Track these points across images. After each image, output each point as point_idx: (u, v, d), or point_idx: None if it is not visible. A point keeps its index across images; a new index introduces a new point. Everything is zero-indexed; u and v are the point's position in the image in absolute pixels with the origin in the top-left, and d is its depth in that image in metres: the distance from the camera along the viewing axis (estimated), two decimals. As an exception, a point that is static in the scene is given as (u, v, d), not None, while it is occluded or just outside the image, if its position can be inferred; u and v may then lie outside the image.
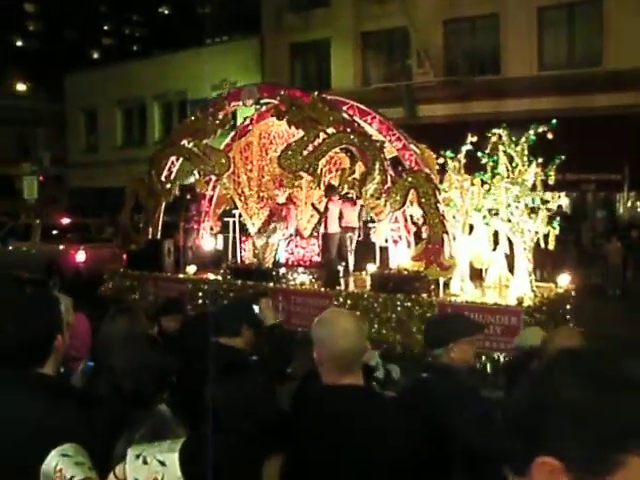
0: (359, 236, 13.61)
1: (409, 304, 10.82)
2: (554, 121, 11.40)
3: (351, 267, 13.55)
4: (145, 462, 2.07)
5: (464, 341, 3.37)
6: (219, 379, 2.59)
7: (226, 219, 14.99)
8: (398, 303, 10.84)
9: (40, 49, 75.71)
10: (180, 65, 30.05)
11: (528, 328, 4.55)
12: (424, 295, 10.89)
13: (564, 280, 11.70)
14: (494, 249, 11.44)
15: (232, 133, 15.08)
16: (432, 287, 11.07)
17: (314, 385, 2.67)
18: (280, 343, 4.49)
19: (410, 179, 11.38)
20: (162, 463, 2.07)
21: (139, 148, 30.36)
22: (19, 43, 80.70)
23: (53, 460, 2.15)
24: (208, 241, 15.07)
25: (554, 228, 10.81)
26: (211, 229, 15.22)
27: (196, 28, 60.15)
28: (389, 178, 11.51)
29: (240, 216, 14.65)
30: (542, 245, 10.88)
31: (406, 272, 11.33)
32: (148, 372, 2.53)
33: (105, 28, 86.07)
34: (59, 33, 73.11)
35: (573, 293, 11.74)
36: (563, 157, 11.31)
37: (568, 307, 11.40)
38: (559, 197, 23.07)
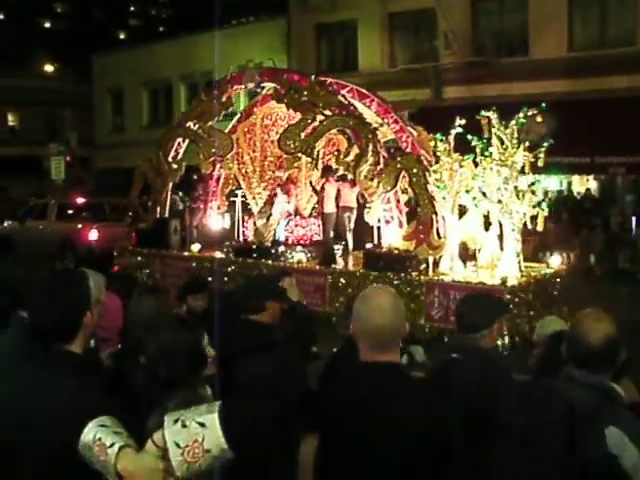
0: (358, 216, 13.79)
1: (398, 282, 11.03)
2: (543, 104, 11.66)
3: (350, 246, 13.79)
4: (184, 425, 2.03)
5: (500, 321, 3.34)
6: (248, 357, 2.60)
7: (232, 199, 15.31)
8: (387, 281, 10.88)
9: (67, 30, 76.02)
10: (206, 46, 29.96)
11: (546, 317, 4.46)
12: (414, 274, 11.20)
13: (555, 261, 12.02)
14: (486, 230, 11.55)
15: (238, 115, 15.33)
16: (422, 266, 11.35)
17: (344, 362, 2.66)
18: (303, 322, 4.49)
19: (401, 161, 11.69)
20: (202, 424, 2.02)
21: (165, 128, 30.39)
22: (47, 25, 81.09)
23: (91, 431, 2.16)
24: (215, 220, 15.31)
25: (542, 210, 10.92)
26: (218, 208, 15.50)
27: (222, 9, 60.01)
28: (382, 160, 11.77)
29: (243, 196, 15.02)
30: (529, 226, 11.07)
31: (397, 251, 11.72)
32: (181, 355, 2.51)
33: (131, 9, 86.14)
34: (86, 14, 73.28)
35: (562, 274, 11.91)
36: (552, 141, 11.51)
37: (556, 288, 11.58)
38: (587, 180, 22.97)
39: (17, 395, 2.42)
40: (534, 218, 11.00)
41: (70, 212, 20.95)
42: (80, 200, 21.96)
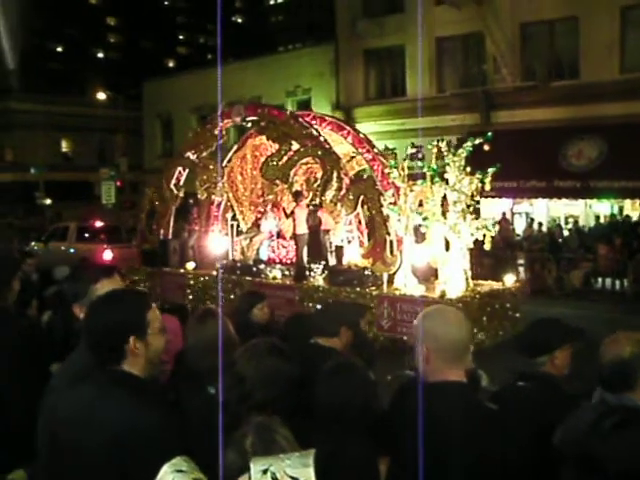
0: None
1: (354, 295, 12.23)
2: (490, 134, 13.24)
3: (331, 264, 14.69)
4: (275, 478, 1.91)
5: (566, 348, 3.22)
6: (324, 379, 2.54)
7: (231, 222, 16.60)
8: (345, 294, 12.27)
9: (119, 60, 77.96)
10: (254, 72, 30.36)
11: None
12: (371, 288, 12.34)
13: (509, 280, 13.13)
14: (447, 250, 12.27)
15: (235, 146, 16.60)
16: (379, 282, 12.42)
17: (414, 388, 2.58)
18: (365, 347, 4.45)
19: (359, 186, 13.01)
20: (295, 479, 1.92)
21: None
22: (100, 55, 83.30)
23: (167, 477, 2.06)
24: (211, 241, 16.41)
25: (489, 231, 11.80)
26: (220, 231, 16.64)
27: (269, 36, 60.90)
28: (344, 186, 13.03)
29: (234, 218, 16.47)
30: (481, 246, 12.14)
31: (356, 267, 13.01)
32: (281, 383, 2.40)
33: (180, 38, 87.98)
34: (137, 44, 75.12)
35: (515, 292, 13.01)
36: (498, 165, 12.20)
37: (508, 304, 12.57)
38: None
39: (74, 414, 2.40)
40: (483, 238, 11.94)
41: (88, 234, 22.85)
42: (98, 224, 23.83)
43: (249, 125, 15.49)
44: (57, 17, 73.92)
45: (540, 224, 22.52)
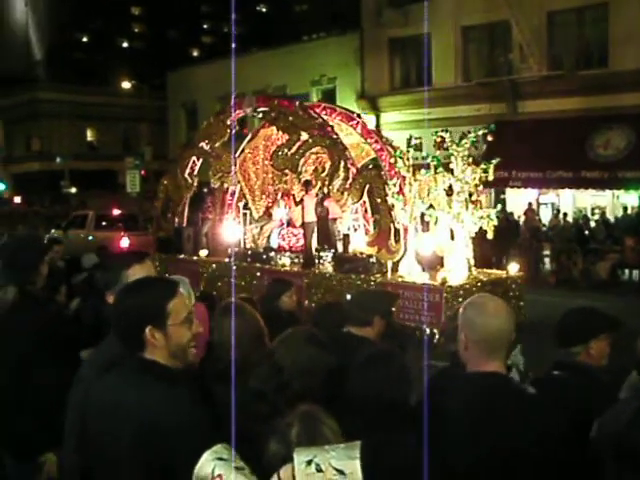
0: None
1: (359, 282, 12.50)
2: (493, 125, 13.68)
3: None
4: (319, 470, 1.88)
5: (602, 338, 3.17)
6: (363, 368, 2.51)
7: (244, 211, 16.96)
8: (350, 281, 12.62)
9: (144, 49, 78.21)
10: (280, 61, 30.30)
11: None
12: (377, 275, 12.62)
13: (513, 268, 13.48)
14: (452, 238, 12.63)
15: (249, 136, 16.83)
16: (384, 269, 12.73)
17: (450, 376, 2.56)
18: (398, 336, 4.43)
19: (364, 176, 13.21)
20: (341, 472, 1.87)
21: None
22: (125, 44, 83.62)
23: (208, 465, 2.03)
24: (225, 229, 16.59)
25: (491, 220, 12.22)
26: (234, 219, 16.83)
27: (293, 25, 60.73)
28: (351, 175, 13.24)
29: (247, 207, 16.68)
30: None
31: (361, 255, 13.28)
32: (319, 373, 2.37)
33: (205, 27, 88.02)
34: (162, 33, 75.29)
35: (519, 280, 13.24)
36: (499, 159, 12.93)
37: (511, 293, 12.80)
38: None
39: (102, 402, 2.39)
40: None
41: (106, 222, 23.58)
42: (116, 212, 24.53)
43: (260, 116, 15.79)
44: (82, 8, 74.28)
45: (566, 215, 22.31)
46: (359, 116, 15.19)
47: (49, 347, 3.76)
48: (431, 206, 12.31)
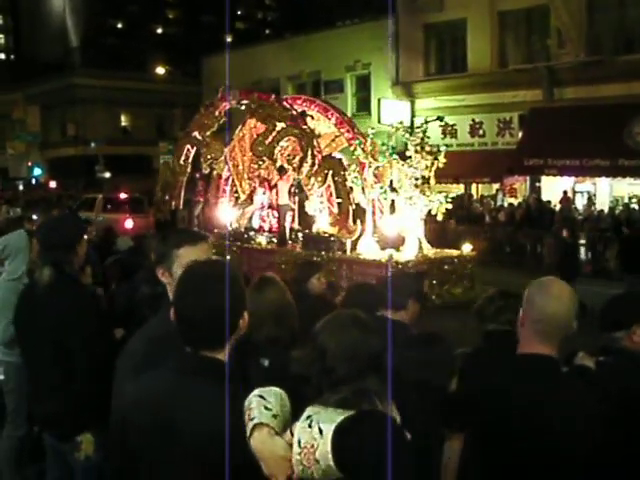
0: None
1: (319, 259, 13.62)
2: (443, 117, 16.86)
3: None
4: (310, 426, 1.93)
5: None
6: (404, 351, 2.46)
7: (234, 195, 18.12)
8: (314, 257, 13.74)
9: (178, 35, 78.51)
10: (314, 47, 30.17)
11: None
12: (337, 253, 14.12)
13: (466, 248, 14.71)
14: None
15: (240, 126, 18.09)
16: (345, 247, 14.16)
17: (492, 357, 2.51)
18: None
19: (326, 163, 14.69)
20: (320, 431, 1.91)
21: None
22: (159, 30, 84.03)
23: (253, 397, 2.09)
24: (218, 211, 17.90)
25: (441, 203, 13.56)
26: (229, 202, 18.07)
27: (327, 11, 60.47)
28: (317, 162, 14.65)
29: (235, 192, 17.85)
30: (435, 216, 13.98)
31: (324, 234, 14.68)
32: (363, 357, 2.32)
33: (238, 13, 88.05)
34: (196, 19, 75.46)
35: (468, 258, 14.60)
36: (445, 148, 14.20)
37: (465, 271, 14.31)
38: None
39: (156, 402, 2.23)
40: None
41: (113, 205, 25.08)
42: (123, 195, 26.05)
43: (242, 108, 17.14)
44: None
45: (602, 204, 21.98)
46: (334, 107, 16.97)
47: (85, 328, 3.75)
48: (394, 190, 13.63)
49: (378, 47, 27.62)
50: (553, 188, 23.32)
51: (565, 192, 22.69)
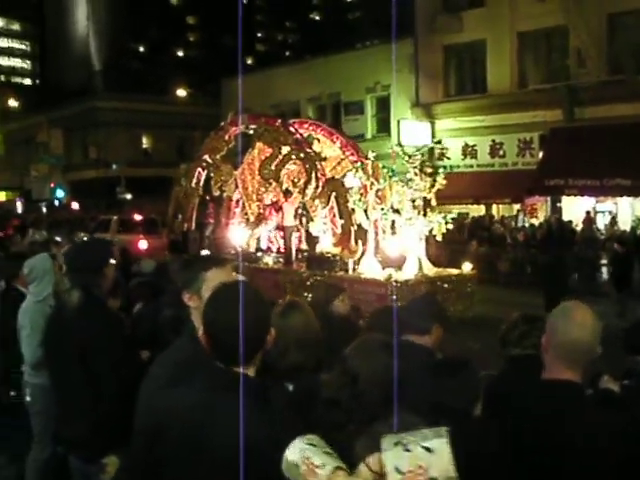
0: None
1: (321, 278, 13.88)
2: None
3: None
4: (407, 450, 1.89)
5: None
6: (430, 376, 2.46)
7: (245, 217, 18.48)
8: (316, 276, 14.25)
9: (198, 58, 79.39)
10: (334, 69, 30.36)
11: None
12: (339, 272, 14.31)
13: (466, 267, 14.87)
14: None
15: (250, 149, 18.46)
16: (347, 267, 14.38)
17: (515, 383, 2.51)
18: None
19: (330, 185, 15.12)
20: (428, 450, 1.87)
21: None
22: (180, 53, 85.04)
23: (297, 450, 2.05)
24: (229, 233, 18.22)
25: (446, 223, 13.83)
26: (239, 224, 18.42)
27: (346, 33, 60.90)
28: (320, 184, 15.17)
29: (246, 213, 18.28)
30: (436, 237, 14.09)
31: (328, 254, 15.01)
32: (393, 383, 2.33)
33: (259, 35, 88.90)
34: (216, 42, 76.26)
35: (467, 277, 14.81)
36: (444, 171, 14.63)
37: (465, 289, 14.48)
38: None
39: (187, 418, 2.29)
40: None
41: (128, 226, 25.37)
42: (137, 217, 26.54)
43: (251, 132, 17.64)
44: (139, 18, 75.79)
45: (624, 223, 21.81)
46: (339, 131, 17.76)
47: (112, 351, 3.80)
48: (396, 211, 13.89)
49: (398, 69, 27.75)
50: (574, 208, 23.21)
51: (588, 212, 22.57)
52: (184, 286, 3.11)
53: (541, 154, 23.72)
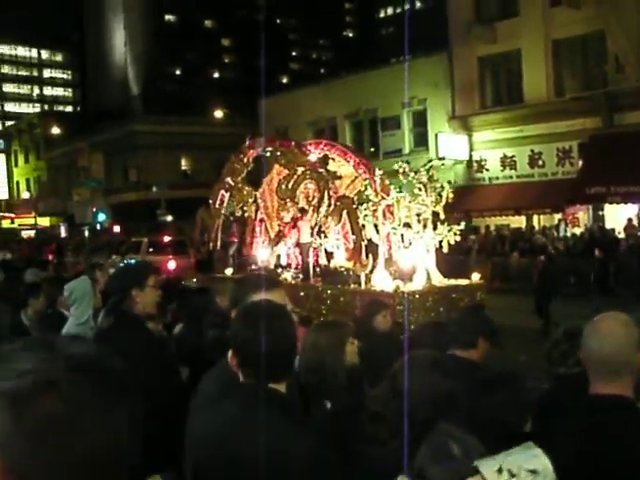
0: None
1: (336, 292, 14.68)
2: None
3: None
4: (512, 475, 1.84)
5: None
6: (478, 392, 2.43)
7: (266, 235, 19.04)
8: (329, 291, 14.84)
9: (235, 78, 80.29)
10: (369, 84, 30.41)
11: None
12: (352, 285, 14.57)
13: (474, 277, 14.92)
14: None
15: (270, 170, 18.93)
16: (359, 280, 14.55)
17: (565, 399, 2.45)
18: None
19: (341, 203, 15.76)
20: (533, 472, 1.84)
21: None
22: (216, 75, 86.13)
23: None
24: (258, 251, 18.71)
25: (447, 237, 13.82)
26: (263, 242, 18.96)
27: (381, 48, 61.06)
28: (333, 202, 15.87)
29: (267, 232, 18.85)
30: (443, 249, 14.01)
31: (341, 268, 15.47)
32: (445, 398, 2.30)
33: (293, 54, 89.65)
34: (251, 62, 77.10)
35: (476, 286, 14.74)
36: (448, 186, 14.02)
37: (475, 298, 14.27)
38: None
39: (222, 435, 2.31)
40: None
41: (158, 247, 26.58)
42: (166, 238, 27.94)
43: (267, 154, 18.20)
44: (174, 42, 77.04)
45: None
46: (352, 150, 18.44)
47: (147, 371, 3.80)
48: (407, 225, 14.10)
49: (433, 82, 27.69)
50: (616, 215, 22.82)
51: (630, 219, 22.17)
52: (234, 304, 3.11)
53: (581, 162, 23.40)
